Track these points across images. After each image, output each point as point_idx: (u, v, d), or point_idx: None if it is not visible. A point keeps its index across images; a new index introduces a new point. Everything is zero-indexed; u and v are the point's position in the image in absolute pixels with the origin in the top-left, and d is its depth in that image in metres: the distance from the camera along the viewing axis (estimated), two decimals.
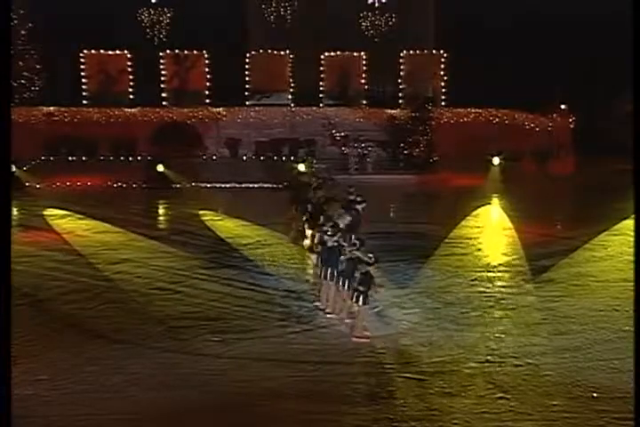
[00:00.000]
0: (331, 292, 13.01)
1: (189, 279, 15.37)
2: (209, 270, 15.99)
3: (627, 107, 30.72)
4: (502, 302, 14.05)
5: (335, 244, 12.83)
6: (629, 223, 19.94)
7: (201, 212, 21.85)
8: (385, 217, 22.11)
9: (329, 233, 13.00)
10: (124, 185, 26.37)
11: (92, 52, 31.09)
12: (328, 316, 13.05)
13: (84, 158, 28.73)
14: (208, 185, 26.21)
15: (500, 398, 10.07)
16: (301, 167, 25.77)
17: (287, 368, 11.00)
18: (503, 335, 12.33)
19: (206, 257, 17.01)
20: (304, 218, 16.26)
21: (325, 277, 12.95)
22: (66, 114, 29.93)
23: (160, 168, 26.76)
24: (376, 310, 13.37)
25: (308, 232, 15.66)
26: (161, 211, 23.73)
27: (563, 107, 30.11)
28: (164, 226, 21.70)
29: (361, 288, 11.89)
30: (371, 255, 11.93)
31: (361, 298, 11.91)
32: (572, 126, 30.17)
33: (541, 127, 30.27)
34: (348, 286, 12.27)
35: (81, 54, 30.96)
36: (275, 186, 25.57)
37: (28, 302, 13.84)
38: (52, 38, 28.05)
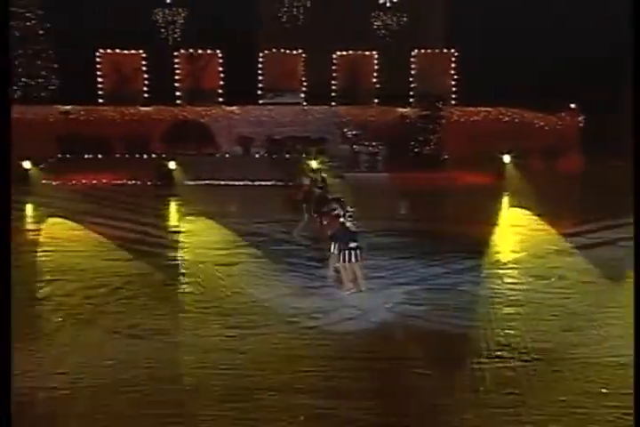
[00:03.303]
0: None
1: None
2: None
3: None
4: (512, 298, 14.37)
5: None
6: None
7: (207, 210, 22.00)
8: (394, 215, 22.47)
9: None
10: (139, 183, 26.71)
11: (108, 51, 31.53)
12: None
13: (99, 156, 29.16)
14: (222, 183, 26.51)
15: (509, 393, 10.37)
16: (314, 164, 26.12)
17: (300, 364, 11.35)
18: (513, 331, 12.63)
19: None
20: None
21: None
22: (82, 112, 30.38)
23: (172, 166, 27.08)
24: (387, 306, 13.77)
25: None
26: (170, 209, 23.80)
27: (572, 106, 30.41)
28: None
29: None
30: None
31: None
32: (580, 125, 30.46)
33: (550, 126, 30.56)
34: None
35: (97, 53, 31.41)
36: (286, 184, 25.95)
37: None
38: (68, 38, 28.49)
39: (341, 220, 14.58)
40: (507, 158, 28.12)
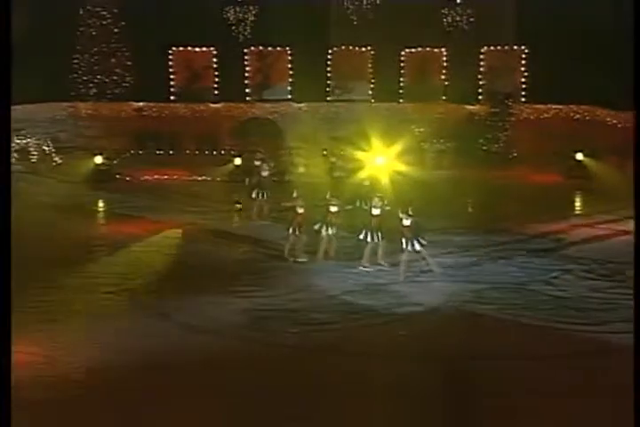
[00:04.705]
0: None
1: None
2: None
3: None
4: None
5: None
6: None
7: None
8: (464, 214, 22.42)
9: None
10: (209, 178, 27.08)
11: (180, 49, 32.09)
12: None
13: (170, 152, 29.68)
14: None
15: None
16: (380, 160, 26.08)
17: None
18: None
19: None
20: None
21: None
22: (154, 109, 31.01)
23: (238, 162, 27.31)
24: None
25: None
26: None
27: None
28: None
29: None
30: None
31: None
32: None
33: (623, 124, 30.01)
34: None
35: (169, 51, 32.00)
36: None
37: None
38: (142, 36, 29.10)
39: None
40: (578, 156, 27.70)
